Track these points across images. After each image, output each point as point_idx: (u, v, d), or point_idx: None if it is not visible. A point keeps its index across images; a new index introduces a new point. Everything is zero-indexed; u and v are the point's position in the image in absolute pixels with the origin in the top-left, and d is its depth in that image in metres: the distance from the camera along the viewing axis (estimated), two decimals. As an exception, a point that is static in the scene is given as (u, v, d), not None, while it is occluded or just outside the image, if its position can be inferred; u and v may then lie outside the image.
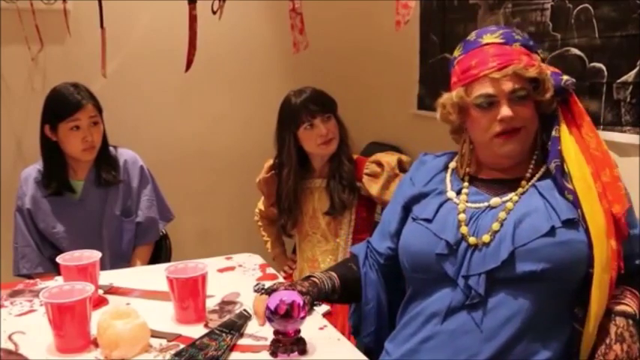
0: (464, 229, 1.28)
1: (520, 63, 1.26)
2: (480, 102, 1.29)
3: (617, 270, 1.23)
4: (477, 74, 1.28)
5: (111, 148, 2.15)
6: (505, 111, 1.26)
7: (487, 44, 1.30)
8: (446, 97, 1.36)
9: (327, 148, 1.99)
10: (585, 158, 1.27)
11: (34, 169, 2.10)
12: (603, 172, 1.27)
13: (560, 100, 1.32)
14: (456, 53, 1.36)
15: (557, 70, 1.32)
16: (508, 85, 1.26)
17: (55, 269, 1.54)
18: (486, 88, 1.27)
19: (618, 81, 1.88)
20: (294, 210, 2.06)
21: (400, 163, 1.96)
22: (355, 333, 1.51)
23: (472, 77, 1.29)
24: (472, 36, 1.34)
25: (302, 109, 1.96)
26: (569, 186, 1.25)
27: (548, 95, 1.29)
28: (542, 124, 1.33)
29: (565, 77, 1.30)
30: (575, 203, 1.24)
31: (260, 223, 2.31)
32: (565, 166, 1.27)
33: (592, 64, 1.95)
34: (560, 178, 1.27)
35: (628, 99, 1.87)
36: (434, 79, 2.75)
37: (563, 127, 1.30)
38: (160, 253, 2.28)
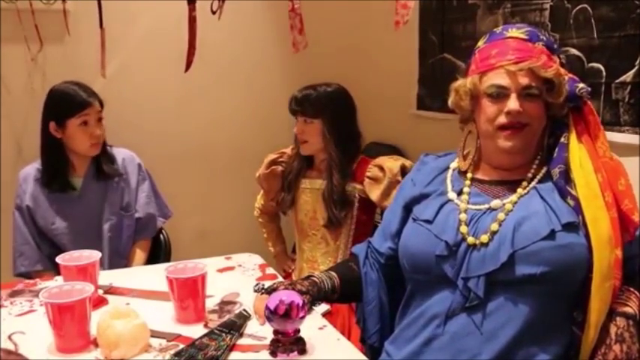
0: (464, 229, 1.28)
1: (538, 61, 1.25)
2: (492, 91, 1.29)
3: (620, 279, 1.23)
4: (494, 64, 1.28)
5: (107, 147, 2.16)
6: (513, 104, 1.26)
7: (510, 37, 1.30)
8: (459, 83, 1.37)
9: (301, 148, 2.05)
10: (595, 167, 1.26)
11: (32, 168, 2.11)
12: (618, 181, 1.26)
13: (573, 108, 1.30)
14: (480, 43, 1.36)
15: (575, 77, 1.31)
16: (523, 80, 1.26)
17: (54, 267, 1.55)
18: (500, 79, 1.28)
19: (617, 81, 1.89)
20: (293, 188, 2.09)
21: (403, 169, 1.94)
22: (363, 339, 1.51)
23: (489, 66, 1.29)
24: (499, 28, 1.35)
25: (289, 103, 2.04)
26: (573, 192, 1.25)
27: (560, 99, 1.28)
28: (550, 128, 1.33)
29: (581, 85, 1.28)
30: (577, 209, 1.24)
31: (260, 220, 2.32)
32: (570, 173, 1.27)
33: (590, 65, 1.96)
34: (563, 183, 1.27)
35: (626, 99, 1.87)
36: (433, 79, 2.75)
37: (573, 135, 1.29)
38: (160, 253, 2.28)
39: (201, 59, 2.15)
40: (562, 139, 1.30)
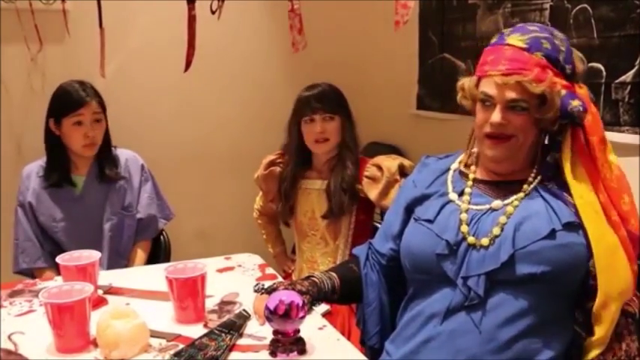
0: (464, 228, 1.28)
1: (528, 75, 1.21)
2: (481, 98, 1.29)
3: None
4: (487, 71, 1.27)
5: (111, 149, 2.16)
6: (495, 116, 1.25)
7: (508, 45, 1.26)
8: (462, 81, 1.37)
9: (320, 147, 2.00)
10: (596, 187, 1.24)
11: (36, 164, 2.13)
12: (622, 200, 1.24)
13: (572, 124, 1.26)
14: (492, 41, 1.34)
15: (578, 92, 1.25)
16: (510, 94, 1.24)
17: (55, 264, 1.56)
18: (488, 88, 1.27)
19: (617, 81, 1.89)
20: (290, 198, 2.07)
21: (401, 168, 1.94)
22: (363, 340, 1.50)
23: (482, 73, 1.29)
24: (507, 30, 1.31)
25: (305, 102, 1.99)
26: (572, 202, 1.24)
27: (549, 115, 1.24)
28: (550, 139, 1.30)
29: (575, 103, 1.22)
30: (577, 216, 1.23)
31: (260, 221, 2.32)
32: (568, 188, 1.25)
33: (590, 65, 1.96)
34: (559, 194, 1.26)
35: (626, 99, 1.87)
36: (433, 79, 2.76)
37: (567, 154, 1.26)
38: (159, 253, 2.28)
39: (201, 59, 2.15)
40: (548, 158, 1.28)
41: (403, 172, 1.94)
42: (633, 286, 1.23)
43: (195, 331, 1.35)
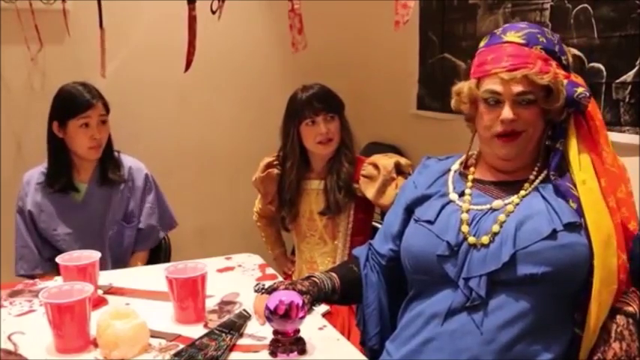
0: (465, 228, 1.28)
1: (533, 68, 1.24)
2: (487, 97, 1.29)
3: (627, 283, 1.23)
4: (489, 70, 1.28)
5: (114, 152, 2.15)
6: (506, 113, 1.26)
7: (507, 42, 1.28)
8: (460, 86, 1.37)
9: (325, 148, 1.99)
10: (598, 172, 1.26)
11: (37, 171, 2.10)
12: (619, 188, 1.26)
13: (575, 112, 1.28)
14: (481, 44, 1.35)
15: (575, 81, 1.28)
16: (517, 88, 1.25)
17: (55, 270, 1.55)
18: (494, 85, 1.27)
19: (617, 81, 1.89)
20: (295, 203, 2.06)
21: (398, 166, 1.94)
22: (363, 341, 1.50)
23: (484, 72, 1.29)
24: (499, 30, 1.33)
25: (306, 104, 1.97)
26: (575, 193, 1.25)
27: (557, 105, 1.26)
28: (552, 131, 1.31)
29: (579, 90, 1.25)
30: (579, 212, 1.23)
31: (259, 224, 2.31)
32: (572, 176, 1.26)
33: (591, 64, 1.96)
34: (564, 187, 1.26)
35: (627, 99, 1.87)
36: (433, 79, 2.76)
37: (573, 141, 1.28)
38: (160, 254, 2.28)
39: (201, 59, 2.15)
40: (557, 145, 1.29)
41: (400, 170, 1.95)
42: (618, 276, 1.22)
43: (196, 331, 1.35)
